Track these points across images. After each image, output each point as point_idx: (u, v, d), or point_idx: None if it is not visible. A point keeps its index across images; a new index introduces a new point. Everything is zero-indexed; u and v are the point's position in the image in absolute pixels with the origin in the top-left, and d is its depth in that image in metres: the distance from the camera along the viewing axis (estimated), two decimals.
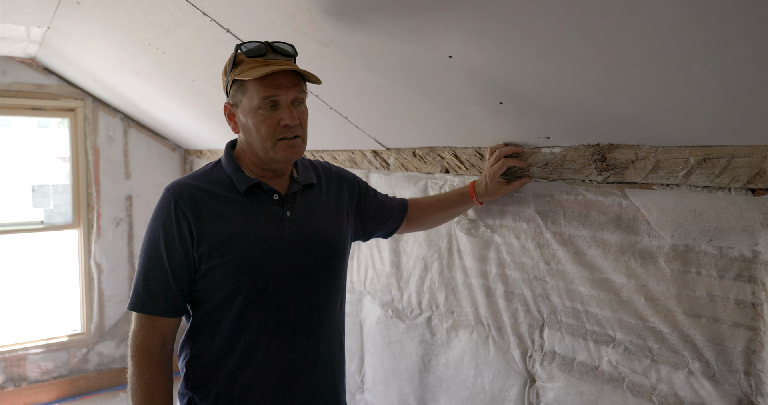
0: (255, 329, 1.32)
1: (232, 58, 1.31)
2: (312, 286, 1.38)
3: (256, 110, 1.28)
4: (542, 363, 1.57)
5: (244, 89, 1.29)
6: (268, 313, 1.33)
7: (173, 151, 4.48)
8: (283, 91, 1.28)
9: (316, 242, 1.39)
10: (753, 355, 1.12)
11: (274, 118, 1.29)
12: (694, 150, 1.16)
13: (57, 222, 4.22)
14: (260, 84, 1.27)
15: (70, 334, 4.25)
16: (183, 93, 2.78)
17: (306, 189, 1.44)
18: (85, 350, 4.22)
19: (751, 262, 1.11)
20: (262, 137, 1.30)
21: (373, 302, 2.30)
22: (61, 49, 3.24)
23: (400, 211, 1.71)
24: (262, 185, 1.35)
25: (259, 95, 1.27)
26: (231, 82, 1.31)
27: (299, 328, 1.37)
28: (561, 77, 1.16)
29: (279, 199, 1.37)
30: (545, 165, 1.49)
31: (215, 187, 1.34)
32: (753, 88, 0.93)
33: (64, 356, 4.17)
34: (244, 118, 1.32)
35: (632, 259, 1.32)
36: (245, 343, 1.32)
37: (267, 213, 1.34)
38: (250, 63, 1.28)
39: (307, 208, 1.41)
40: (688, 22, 0.85)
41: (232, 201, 1.33)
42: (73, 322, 4.41)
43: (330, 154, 2.45)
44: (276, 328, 1.34)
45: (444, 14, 1.13)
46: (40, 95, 3.98)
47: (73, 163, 4.20)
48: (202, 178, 1.37)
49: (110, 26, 2.33)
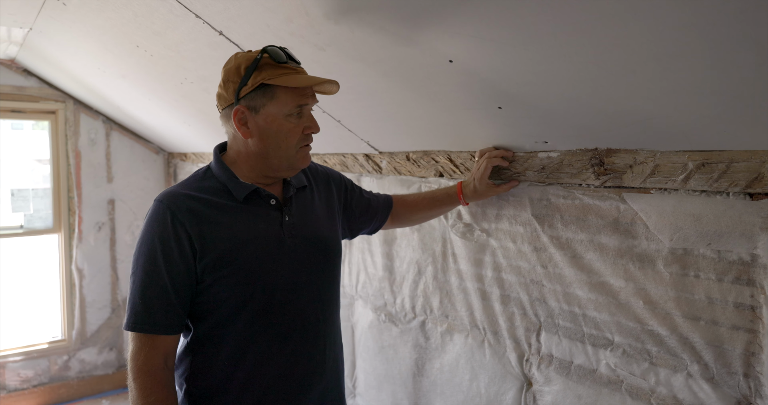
0: (265, 338, 1.30)
1: (254, 61, 1.26)
2: (316, 290, 1.37)
3: (286, 117, 1.28)
4: (539, 366, 1.57)
5: (272, 94, 1.26)
6: (277, 320, 1.31)
7: (157, 154, 4.42)
8: (310, 99, 1.31)
9: (315, 245, 1.38)
10: (752, 358, 1.13)
11: (300, 126, 1.30)
12: (692, 155, 1.17)
13: (37, 226, 4.14)
14: (295, 91, 1.27)
15: (51, 340, 4.17)
16: (170, 95, 2.74)
17: (299, 192, 1.43)
18: (66, 357, 4.14)
19: (749, 266, 1.13)
20: (288, 144, 1.30)
21: (365, 306, 2.28)
22: (43, 51, 3.18)
23: (386, 207, 1.72)
24: (260, 191, 1.33)
25: (294, 102, 1.27)
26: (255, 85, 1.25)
27: (308, 333, 1.35)
28: (561, 82, 1.16)
29: (276, 203, 1.35)
30: (542, 169, 1.50)
31: (210, 196, 1.30)
32: (752, 93, 0.94)
33: (45, 364, 4.08)
34: (266, 124, 1.28)
35: (630, 262, 1.33)
36: (255, 353, 1.29)
37: (266, 219, 1.33)
38: (280, 69, 1.26)
39: (303, 211, 1.40)
40: (688, 27, 0.86)
41: (230, 209, 1.30)
42: (53, 329, 4.33)
43: (320, 158, 2.43)
44: (286, 335, 1.31)
45: (446, 18, 1.13)
46: (20, 97, 3.90)
47: (53, 167, 4.12)
48: (195, 187, 1.32)
49: (97, 28, 2.29)
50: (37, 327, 6.08)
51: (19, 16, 2.56)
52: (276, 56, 1.26)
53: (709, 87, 0.98)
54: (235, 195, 1.31)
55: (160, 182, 4.45)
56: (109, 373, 4.29)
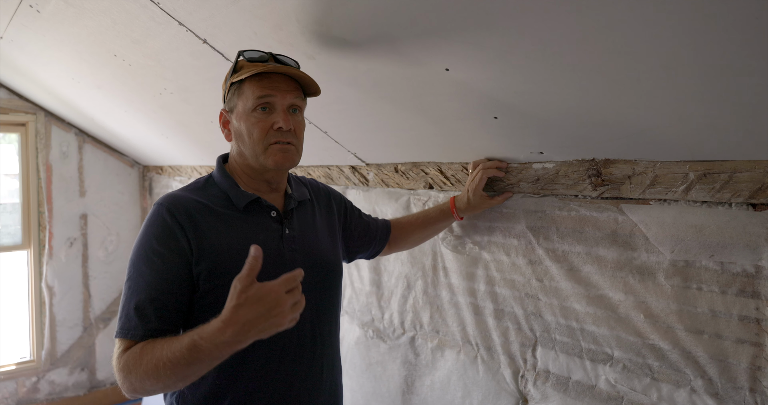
0: (257, 357, 1.22)
1: (233, 64, 1.27)
2: (313, 307, 1.30)
3: (250, 112, 1.24)
4: (535, 383, 1.53)
5: (241, 91, 1.25)
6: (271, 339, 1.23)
7: (131, 168, 4.31)
8: (279, 93, 1.23)
9: (314, 261, 1.32)
10: (758, 372, 1.11)
11: (268, 122, 1.24)
12: (693, 165, 1.15)
13: (5, 242, 3.98)
14: (256, 84, 1.22)
15: (18, 361, 3.99)
16: (148, 107, 2.66)
17: (301, 205, 1.38)
18: (35, 379, 3.97)
19: (754, 278, 1.11)
20: (254, 141, 1.24)
21: (352, 322, 2.22)
22: (14, 61, 3.07)
23: (384, 232, 1.67)
24: (261, 201, 1.28)
25: (254, 95, 1.22)
26: (229, 87, 1.27)
27: (304, 353, 1.29)
28: (559, 92, 1.14)
29: (277, 215, 1.30)
30: (536, 180, 1.47)
31: (211, 202, 1.25)
32: (755, 101, 0.92)
33: (12, 386, 3.91)
34: (238, 123, 1.26)
35: (630, 275, 1.30)
36: (250, 373, 1.22)
37: (266, 231, 1.27)
38: (251, 67, 1.23)
39: (304, 226, 1.35)
40: (689, 36, 0.84)
41: (230, 217, 1.24)
42: (21, 349, 4.15)
43: (304, 170, 2.38)
44: (282, 356, 1.25)
45: (442, 26, 1.09)
46: None
47: (23, 181, 3.98)
48: (196, 192, 1.27)
49: (72, 36, 2.21)
50: (3, 347, 5.84)
51: None
52: (249, 56, 1.26)
53: (709, 95, 0.96)
54: (236, 203, 1.26)
55: (134, 196, 4.34)
56: (80, 395, 4.12)
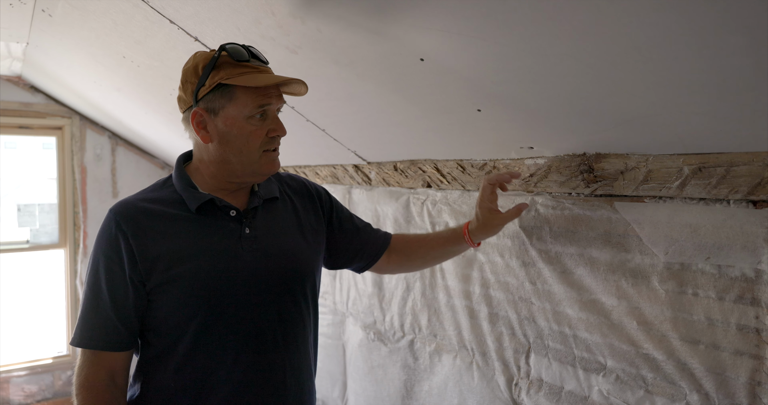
0: (213, 361, 1.19)
1: (211, 60, 1.17)
2: (275, 310, 1.24)
3: (247, 119, 1.18)
4: (528, 392, 1.44)
5: (231, 95, 1.17)
6: (226, 340, 1.19)
7: (162, 170, 4.39)
8: (274, 100, 1.20)
9: (278, 261, 1.26)
10: (758, 387, 1.00)
11: (264, 128, 1.19)
12: (688, 158, 1.05)
13: (43, 241, 4.13)
14: (256, 91, 1.17)
15: (55, 356, 4.13)
16: (163, 108, 2.69)
17: (268, 203, 1.32)
18: (70, 373, 4.09)
19: (753, 283, 1.00)
20: (250, 148, 1.19)
21: (356, 324, 2.17)
22: (43, 66, 3.17)
23: (382, 241, 1.51)
24: (216, 201, 1.22)
25: (255, 102, 1.17)
26: (213, 86, 1.17)
27: (264, 357, 1.23)
28: (540, 79, 1.06)
29: (237, 215, 1.24)
30: (529, 177, 1.39)
31: (164, 206, 1.21)
32: (753, 88, 0.82)
33: (49, 379, 4.04)
34: (226, 127, 1.18)
35: (623, 278, 1.20)
36: (200, 378, 1.18)
37: (223, 231, 1.22)
38: (239, 67, 1.17)
39: (269, 224, 1.29)
40: (680, 15, 0.74)
41: (182, 219, 1.20)
42: (58, 344, 4.29)
43: (312, 170, 2.35)
44: (236, 358, 1.20)
45: (411, 12, 1.03)
46: (27, 113, 3.91)
47: (59, 182, 4.12)
48: (149, 197, 1.24)
49: (84, 39, 2.25)
50: (42, 342, 6.07)
51: (12, 29, 2.54)
52: (235, 54, 1.17)
53: (704, 81, 0.85)
54: (189, 205, 1.21)
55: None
56: None
